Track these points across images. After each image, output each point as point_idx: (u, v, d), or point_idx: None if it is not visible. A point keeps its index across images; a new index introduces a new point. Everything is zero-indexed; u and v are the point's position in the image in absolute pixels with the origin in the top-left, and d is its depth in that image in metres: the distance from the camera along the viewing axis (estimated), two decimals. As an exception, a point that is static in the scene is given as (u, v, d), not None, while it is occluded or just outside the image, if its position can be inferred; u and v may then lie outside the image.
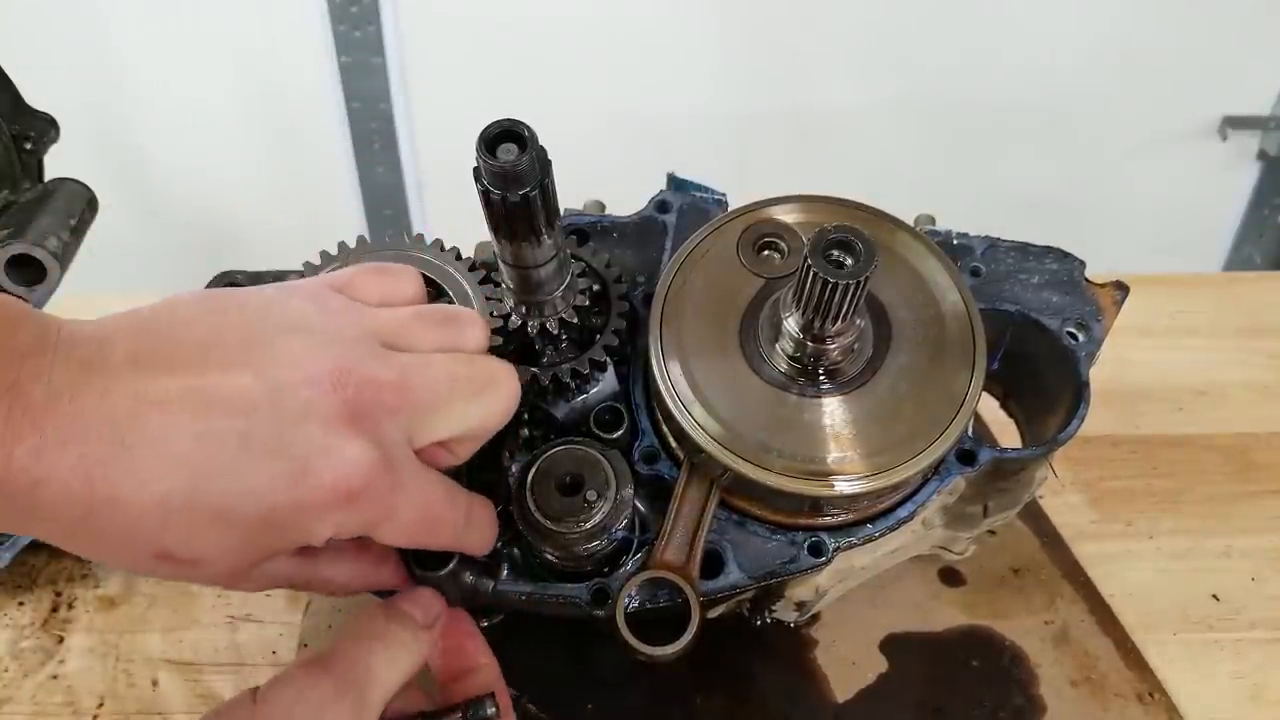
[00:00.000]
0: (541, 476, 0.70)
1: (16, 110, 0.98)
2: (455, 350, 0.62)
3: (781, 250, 0.78)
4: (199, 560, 0.53)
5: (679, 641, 0.68)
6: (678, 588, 0.70)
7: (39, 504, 0.48)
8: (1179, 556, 1.03)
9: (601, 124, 2.45)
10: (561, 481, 0.70)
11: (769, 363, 0.73)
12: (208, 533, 0.52)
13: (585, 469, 0.70)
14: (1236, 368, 1.29)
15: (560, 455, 0.71)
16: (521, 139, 0.58)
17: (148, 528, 0.50)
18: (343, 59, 2.38)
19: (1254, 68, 2.51)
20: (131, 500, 0.49)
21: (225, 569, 0.55)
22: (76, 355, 0.50)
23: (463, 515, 0.64)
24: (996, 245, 0.85)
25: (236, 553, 0.54)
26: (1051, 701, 0.87)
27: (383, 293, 0.63)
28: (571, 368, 0.74)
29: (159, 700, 0.87)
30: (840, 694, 0.87)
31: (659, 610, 0.71)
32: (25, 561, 0.97)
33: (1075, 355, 0.80)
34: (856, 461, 0.70)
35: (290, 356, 0.54)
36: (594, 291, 0.76)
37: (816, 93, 2.49)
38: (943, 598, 0.96)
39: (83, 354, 0.50)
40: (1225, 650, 0.94)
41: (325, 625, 0.92)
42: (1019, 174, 2.61)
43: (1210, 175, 2.67)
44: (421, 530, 0.61)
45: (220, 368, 0.52)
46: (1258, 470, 1.13)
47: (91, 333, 0.51)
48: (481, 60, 2.40)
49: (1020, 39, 2.41)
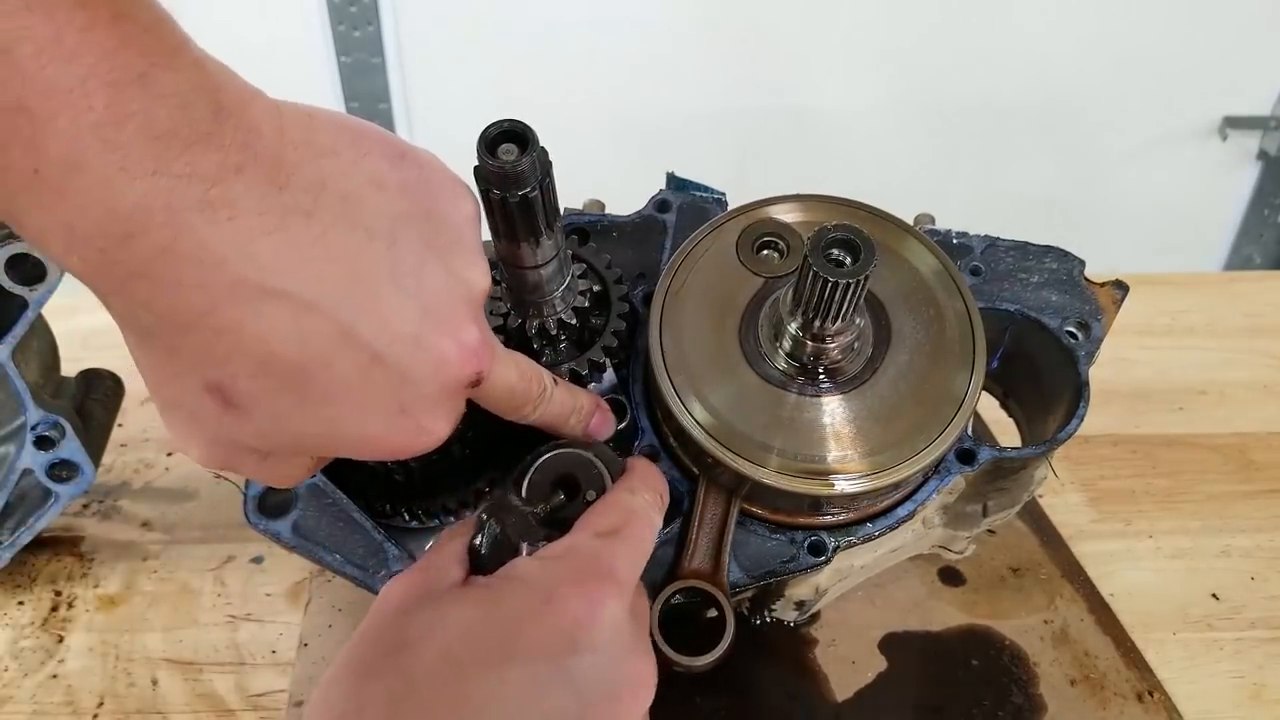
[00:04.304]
0: (534, 488, 0.65)
1: (16, 110, 0.98)
2: None
3: (781, 250, 0.78)
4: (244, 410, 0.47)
5: (716, 650, 0.68)
6: (712, 596, 0.71)
7: (138, 292, 0.42)
8: (1178, 556, 1.03)
9: (601, 123, 2.45)
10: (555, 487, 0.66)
11: (769, 362, 0.73)
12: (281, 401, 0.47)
13: (577, 469, 0.66)
14: (1236, 368, 1.29)
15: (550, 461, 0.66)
16: (522, 139, 0.58)
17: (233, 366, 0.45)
18: (343, 59, 2.38)
19: (1254, 68, 2.51)
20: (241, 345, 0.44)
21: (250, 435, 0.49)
22: (250, 169, 0.43)
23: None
24: (996, 245, 0.85)
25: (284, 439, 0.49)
26: (1051, 701, 0.87)
27: None
28: (570, 369, 0.74)
29: (159, 700, 0.87)
30: (840, 693, 0.87)
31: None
32: (25, 561, 0.97)
33: (1075, 355, 0.80)
34: (856, 460, 0.70)
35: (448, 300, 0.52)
36: (594, 293, 0.76)
37: (817, 93, 2.49)
38: (942, 597, 0.96)
39: (259, 171, 0.44)
40: (1225, 650, 0.94)
41: (325, 625, 0.92)
42: (1019, 174, 2.61)
43: (1210, 175, 2.67)
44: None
45: (387, 273, 0.48)
46: (1257, 470, 1.14)
47: (273, 149, 0.45)
48: (481, 60, 2.40)
49: (1020, 39, 2.41)
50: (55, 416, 0.89)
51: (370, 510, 0.76)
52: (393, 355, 0.48)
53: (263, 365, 0.45)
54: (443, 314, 0.51)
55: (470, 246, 0.54)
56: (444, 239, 0.52)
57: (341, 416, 0.49)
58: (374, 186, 0.49)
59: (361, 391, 0.48)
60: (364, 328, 0.47)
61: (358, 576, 0.74)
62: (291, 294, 0.44)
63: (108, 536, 1.02)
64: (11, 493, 0.89)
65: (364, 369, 0.48)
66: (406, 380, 0.50)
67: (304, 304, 0.45)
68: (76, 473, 0.90)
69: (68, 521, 1.03)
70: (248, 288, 0.43)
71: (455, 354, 0.52)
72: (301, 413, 0.48)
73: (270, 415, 0.48)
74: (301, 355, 0.46)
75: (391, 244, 0.49)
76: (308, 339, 0.46)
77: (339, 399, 0.48)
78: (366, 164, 0.49)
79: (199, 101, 0.41)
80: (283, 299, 0.44)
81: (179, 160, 0.40)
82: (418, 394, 0.51)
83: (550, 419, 0.65)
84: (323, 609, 0.93)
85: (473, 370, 0.53)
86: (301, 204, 0.45)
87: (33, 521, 0.91)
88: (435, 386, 0.51)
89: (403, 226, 0.50)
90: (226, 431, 0.49)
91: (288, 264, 0.44)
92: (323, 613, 0.93)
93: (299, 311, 0.45)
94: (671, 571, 0.73)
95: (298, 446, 0.52)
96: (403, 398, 0.50)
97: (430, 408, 0.52)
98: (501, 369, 0.58)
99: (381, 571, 0.74)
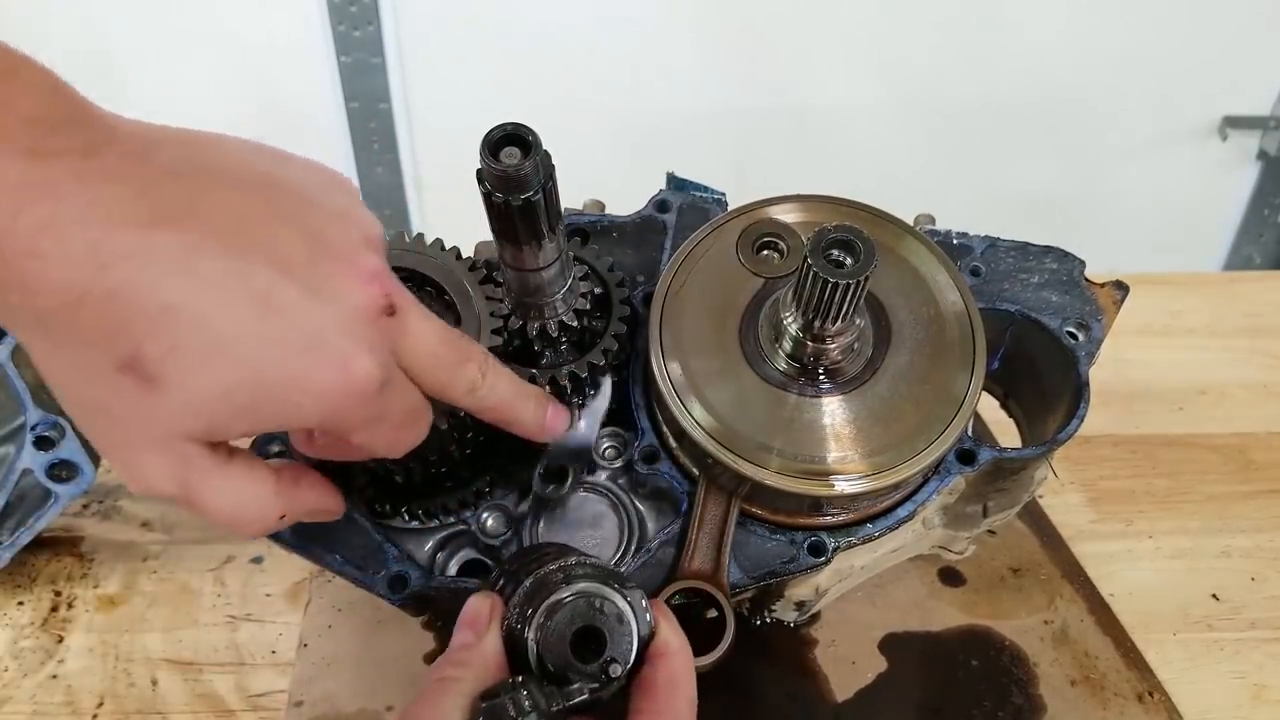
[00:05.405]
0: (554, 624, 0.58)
1: (16, 110, 0.98)
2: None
3: (781, 250, 0.78)
4: (163, 379, 0.46)
5: (716, 650, 0.68)
6: (712, 597, 0.71)
7: (28, 276, 0.43)
8: (1179, 556, 1.03)
9: (601, 123, 2.45)
10: (577, 636, 0.59)
11: (769, 362, 0.73)
12: (192, 351, 0.46)
13: (605, 623, 0.59)
14: (1236, 368, 1.29)
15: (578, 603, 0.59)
16: (525, 143, 0.58)
17: (136, 328, 0.45)
18: (343, 59, 2.37)
19: (1254, 68, 2.51)
20: (136, 300, 0.45)
21: (177, 409, 0.48)
22: (123, 138, 0.46)
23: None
24: (996, 245, 0.85)
25: (207, 399, 0.48)
26: (1051, 701, 0.87)
27: None
28: (570, 370, 0.73)
29: (159, 700, 0.87)
30: (840, 693, 0.87)
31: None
32: (25, 561, 0.97)
33: (1075, 355, 0.80)
34: (856, 461, 0.70)
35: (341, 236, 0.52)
36: (595, 295, 0.76)
37: (817, 92, 2.49)
38: (942, 597, 0.96)
39: (126, 148, 0.46)
40: (1225, 650, 0.94)
41: (325, 625, 0.92)
42: (1018, 174, 2.61)
43: (1210, 175, 2.67)
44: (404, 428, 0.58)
45: (272, 209, 0.50)
46: (1257, 470, 1.14)
47: (139, 132, 0.48)
48: (481, 60, 2.40)
49: (1020, 39, 2.41)
50: (55, 416, 0.89)
51: (370, 510, 0.76)
52: (288, 283, 0.48)
53: (163, 319, 0.45)
54: (336, 245, 0.51)
55: (353, 194, 0.56)
56: (321, 192, 0.53)
57: (256, 357, 0.48)
58: (246, 151, 0.52)
59: (265, 325, 0.48)
60: (253, 260, 0.48)
61: (358, 576, 0.74)
62: (175, 242, 0.46)
63: (108, 536, 1.02)
64: (11, 493, 0.89)
65: (262, 300, 0.48)
66: (308, 310, 0.49)
67: (190, 247, 0.46)
68: (76, 473, 0.90)
69: (68, 521, 1.03)
70: (132, 241, 0.44)
71: (353, 276, 0.51)
72: (219, 364, 0.47)
73: (189, 377, 0.47)
74: (196, 299, 0.46)
75: (271, 194, 0.50)
76: (199, 281, 0.46)
77: (247, 337, 0.47)
78: (231, 142, 0.52)
79: (61, 95, 0.45)
80: (168, 247, 0.45)
81: (51, 139, 0.43)
82: (326, 323, 0.50)
83: (499, 404, 0.63)
84: (323, 609, 0.93)
85: (378, 291, 0.52)
86: (177, 167, 0.47)
87: (33, 522, 0.91)
88: (341, 313, 0.50)
89: (279, 181, 0.51)
90: (162, 423, 0.49)
91: (170, 214, 0.46)
92: (323, 613, 0.93)
93: (186, 254, 0.46)
94: (671, 572, 0.73)
95: (231, 411, 0.49)
96: (310, 329, 0.49)
97: (344, 338, 0.50)
98: (419, 320, 0.56)
99: (381, 571, 0.74)
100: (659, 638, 0.61)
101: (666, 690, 0.59)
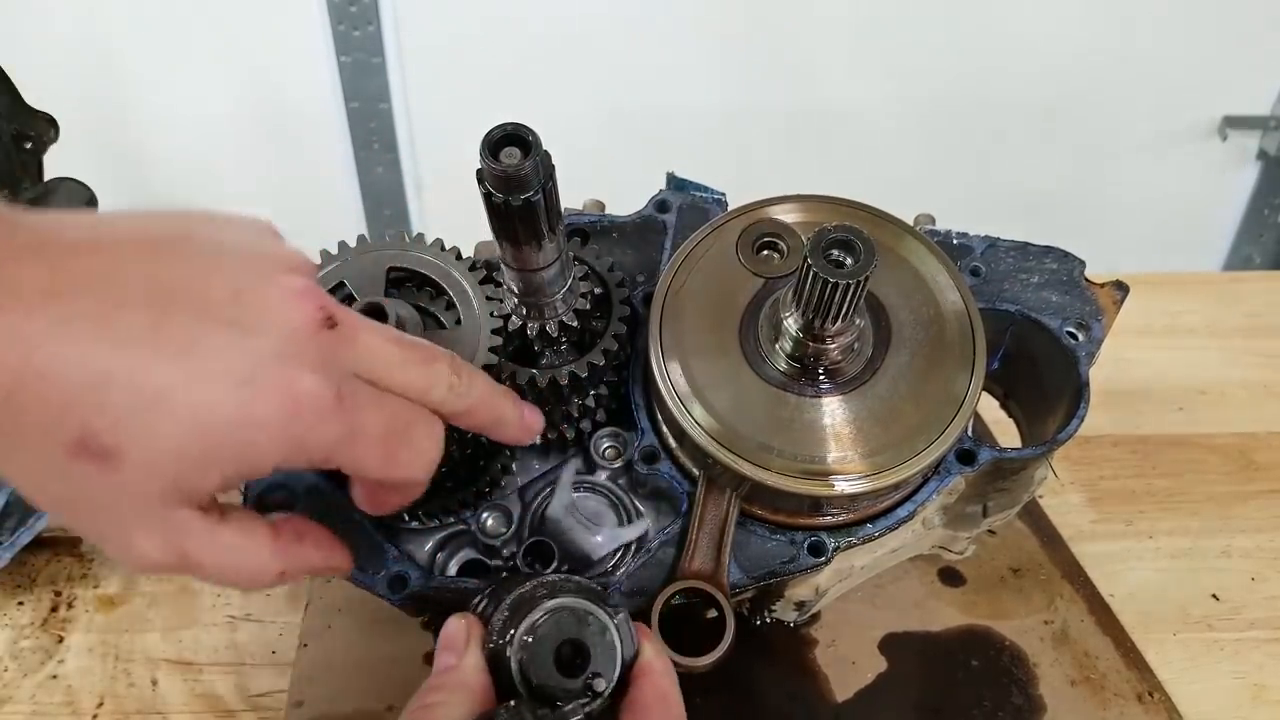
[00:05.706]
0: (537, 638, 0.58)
1: (16, 110, 0.98)
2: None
3: (781, 250, 0.78)
4: (118, 450, 0.45)
5: (716, 650, 0.68)
6: (712, 597, 0.71)
7: None
8: (1179, 556, 1.03)
9: (601, 123, 2.45)
10: (559, 650, 0.58)
11: (769, 362, 0.73)
12: (136, 413, 0.45)
13: (589, 637, 0.58)
14: (1236, 368, 1.29)
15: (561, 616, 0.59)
16: (525, 143, 0.58)
17: (78, 405, 0.44)
18: (342, 59, 2.38)
19: (1254, 68, 2.51)
20: (69, 374, 0.44)
21: (142, 477, 0.47)
22: (26, 226, 0.46)
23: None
24: (996, 245, 0.85)
25: (163, 457, 0.47)
26: (1051, 701, 0.87)
27: None
28: (570, 370, 0.73)
29: (159, 700, 0.87)
30: (840, 693, 0.87)
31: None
32: (25, 561, 0.97)
33: (1075, 355, 0.80)
34: (856, 461, 0.70)
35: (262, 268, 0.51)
36: (595, 295, 0.76)
37: (816, 92, 2.49)
38: (942, 597, 0.96)
39: (33, 232, 0.46)
40: (1225, 650, 0.94)
41: (325, 625, 0.92)
42: (1019, 174, 2.61)
43: (1210, 175, 2.67)
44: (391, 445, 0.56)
45: (185, 258, 0.49)
46: (1258, 470, 1.14)
47: (44, 219, 0.48)
48: (481, 60, 2.40)
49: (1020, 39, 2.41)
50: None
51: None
52: (213, 324, 0.48)
53: (101, 387, 0.45)
54: (257, 277, 0.50)
55: (274, 234, 0.55)
56: (238, 236, 0.53)
57: (195, 403, 0.46)
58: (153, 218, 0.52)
59: (197, 369, 0.47)
60: (172, 309, 0.47)
61: (358, 576, 0.74)
62: (94, 310, 0.45)
63: (108, 537, 1.02)
64: (11, 493, 0.89)
65: (188, 345, 0.47)
66: (238, 345, 0.48)
67: (108, 311, 0.46)
68: (76, 473, 0.90)
69: (68, 522, 1.03)
70: (51, 315, 0.44)
71: (281, 299, 0.50)
72: (162, 419, 0.46)
73: (142, 439, 0.46)
74: (125, 360, 0.45)
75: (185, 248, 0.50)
76: (123, 341, 0.45)
77: (180, 386, 0.46)
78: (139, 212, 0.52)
79: None
80: (87, 317, 0.45)
81: None
82: (260, 353, 0.48)
83: (481, 402, 0.61)
84: (323, 609, 0.93)
85: (311, 306, 0.51)
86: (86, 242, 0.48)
87: (33, 521, 0.91)
88: (275, 339, 0.49)
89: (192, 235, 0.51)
90: (133, 496, 0.48)
91: (84, 284, 0.46)
92: (322, 613, 0.93)
93: (106, 318, 0.45)
94: (671, 572, 0.73)
95: (192, 464, 0.48)
96: (243, 363, 0.48)
97: (281, 364, 0.49)
98: (364, 327, 0.55)
99: (381, 571, 0.74)
100: (643, 658, 0.60)
101: (659, 707, 0.58)
